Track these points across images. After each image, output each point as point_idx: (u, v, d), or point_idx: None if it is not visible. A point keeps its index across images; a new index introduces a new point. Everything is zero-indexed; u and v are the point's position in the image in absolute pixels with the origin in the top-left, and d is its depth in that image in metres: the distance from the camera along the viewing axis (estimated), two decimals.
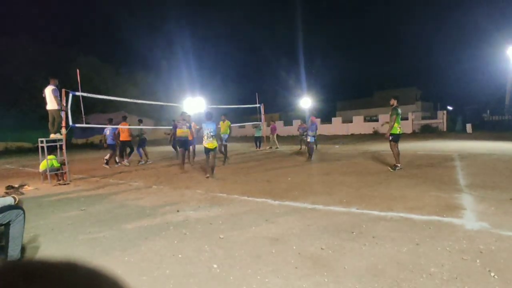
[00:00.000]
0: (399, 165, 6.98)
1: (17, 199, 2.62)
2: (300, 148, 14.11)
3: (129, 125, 10.96)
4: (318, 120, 10.80)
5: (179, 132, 8.72)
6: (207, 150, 7.15)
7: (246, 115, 31.67)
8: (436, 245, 2.75)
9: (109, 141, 10.42)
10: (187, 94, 19.69)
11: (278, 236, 3.19)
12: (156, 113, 31.24)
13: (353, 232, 3.18)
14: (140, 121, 12.08)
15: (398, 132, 7.05)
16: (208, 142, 7.11)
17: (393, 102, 7.16)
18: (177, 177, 7.61)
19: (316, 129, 10.34)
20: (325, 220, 3.66)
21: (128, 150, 10.83)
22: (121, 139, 10.43)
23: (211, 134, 7.12)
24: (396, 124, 7.00)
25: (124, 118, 10.80)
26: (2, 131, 18.44)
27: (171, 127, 11.47)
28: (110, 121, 10.88)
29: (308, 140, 9.76)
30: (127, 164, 10.53)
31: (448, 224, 3.31)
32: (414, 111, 28.78)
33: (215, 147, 7.27)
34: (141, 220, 4.02)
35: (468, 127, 22.26)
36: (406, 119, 26.99)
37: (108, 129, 10.52)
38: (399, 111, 7.08)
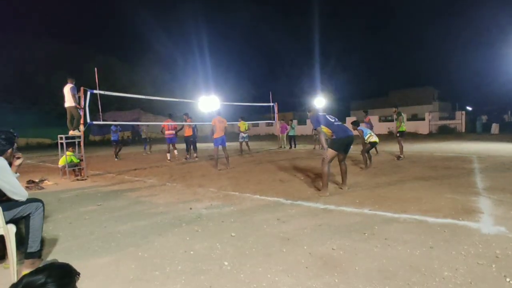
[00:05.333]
0: (402, 156, 8.93)
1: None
2: (314, 148, 14.03)
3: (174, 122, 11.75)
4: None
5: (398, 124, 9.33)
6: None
7: (259, 113, 31.65)
8: (451, 249, 2.69)
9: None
10: (201, 92, 19.87)
11: (289, 235, 3.20)
12: (171, 110, 31.65)
13: (365, 233, 3.16)
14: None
15: (403, 130, 9.43)
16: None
17: (395, 110, 9.43)
18: (190, 175, 7.71)
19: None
20: (337, 220, 3.64)
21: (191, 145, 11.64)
22: (185, 135, 11.37)
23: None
24: (402, 124, 9.24)
25: (187, 115, 11.55)
26: (23, 128, 19.24)
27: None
28: (170, 116, 11.95)
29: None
30: (197, 158, 11.37)
31: (464, 227, 3.23)
32: (431, 111, 28.08)
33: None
34: (154, 216, 4.11)
35: (494, 127, 21.47)
36: (423, 119, 26.40)
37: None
38: (402, 114, 9.47)
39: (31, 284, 1.12)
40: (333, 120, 5.18)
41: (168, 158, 11.16)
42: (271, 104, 15.93)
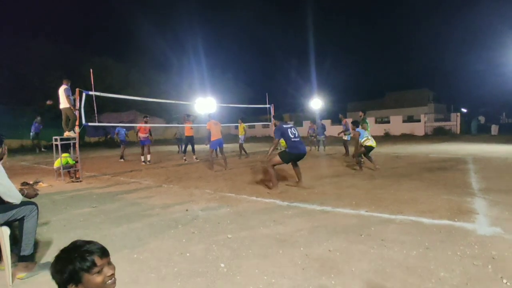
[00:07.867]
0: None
1: (25, 192, 2.70)
2: (310, 149, 14.04)
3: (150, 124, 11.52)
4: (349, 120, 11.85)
5: None
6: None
7: (255, 115, 31.63)
8: (447, 250, 2.70)
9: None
10: (197, 94, 19.85)
11: (285, 237, 3.19)
12: (166, 112, 31.56)
13: (361, 235, 3.16)
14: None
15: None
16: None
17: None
18: (187, 176, 7.67)
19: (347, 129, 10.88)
20: (334, 222, 3.64)
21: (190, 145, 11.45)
22: (186, 134, 11.23)
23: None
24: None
25: (188, 116, 11.52)
26: (18, 129, 18.97)
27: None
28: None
29: (346, 139, 10.72)
30: (197, 160, 11.18)
31: (460, 228, 3.25)
32: (427, 113, 28.26)
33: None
34: (150, 218, 4.08)
35: (494, 128, 21.62)
36: (419, 121, 26.58)
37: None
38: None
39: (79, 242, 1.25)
40: (292, 136, 5.58)
41: (142, 160, 10.77)
42: (268, 105, 15.92)
